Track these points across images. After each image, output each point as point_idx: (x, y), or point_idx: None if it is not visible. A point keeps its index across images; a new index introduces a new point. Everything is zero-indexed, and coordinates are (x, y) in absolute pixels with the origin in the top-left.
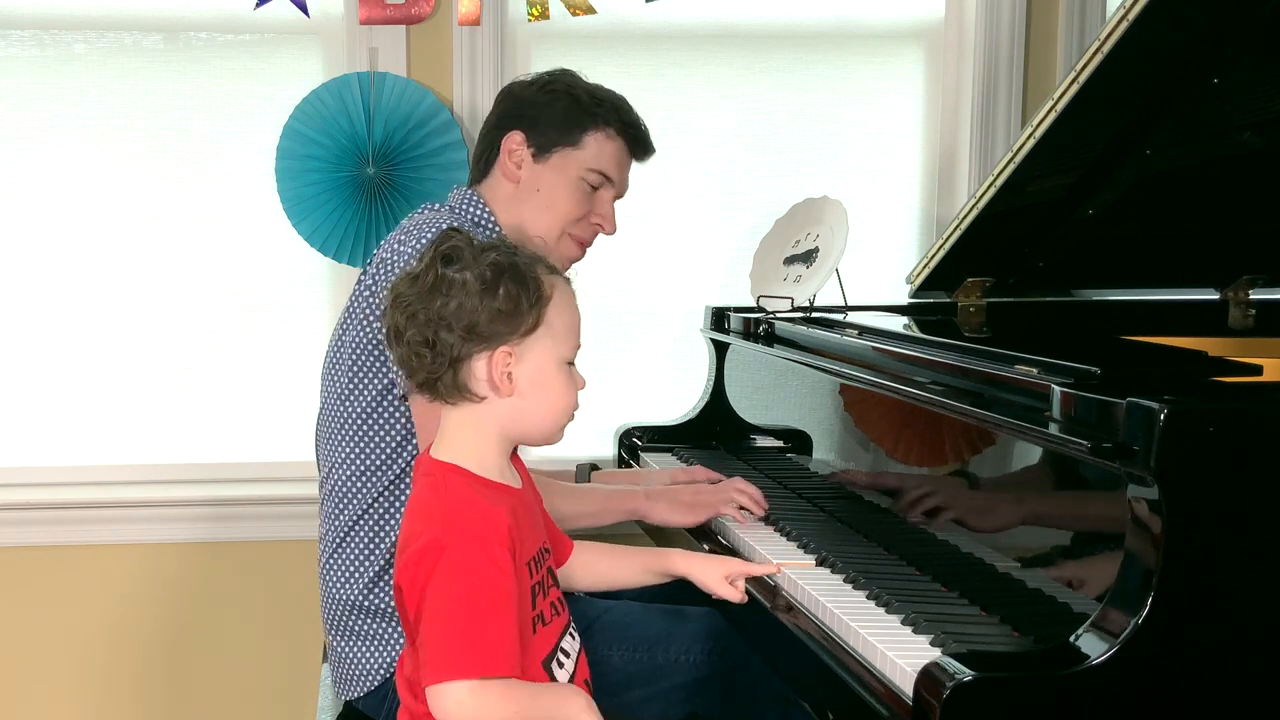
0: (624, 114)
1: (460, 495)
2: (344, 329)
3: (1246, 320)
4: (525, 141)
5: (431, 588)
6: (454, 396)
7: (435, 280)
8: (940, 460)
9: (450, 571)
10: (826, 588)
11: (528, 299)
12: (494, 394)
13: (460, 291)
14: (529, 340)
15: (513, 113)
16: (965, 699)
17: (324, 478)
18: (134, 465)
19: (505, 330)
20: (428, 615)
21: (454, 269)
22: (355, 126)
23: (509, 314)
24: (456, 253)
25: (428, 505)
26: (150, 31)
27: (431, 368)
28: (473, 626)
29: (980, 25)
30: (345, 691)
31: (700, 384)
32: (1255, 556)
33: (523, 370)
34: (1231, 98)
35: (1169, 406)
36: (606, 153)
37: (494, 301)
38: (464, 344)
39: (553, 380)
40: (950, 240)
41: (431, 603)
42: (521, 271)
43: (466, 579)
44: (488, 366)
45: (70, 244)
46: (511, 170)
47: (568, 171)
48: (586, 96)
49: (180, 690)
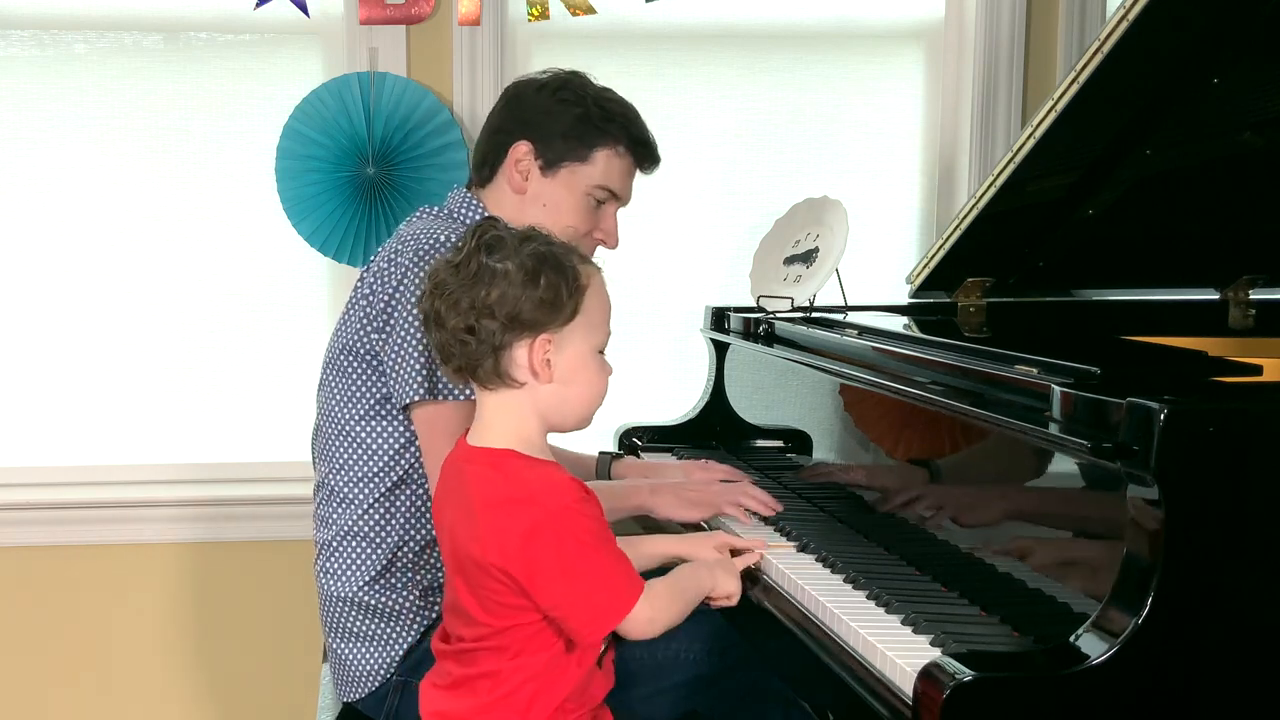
0: (635, 130)
1: (529, 474)
2: (340, 334)
3: (1246, 320)
4: (533, 153)
5: (558, 563)
6: (493, 382)
7: (478, 269)
8: (940, 460)
9: (561, 541)
10: (826, 588)
11: (567, 288)
12: (533, 380)
13: (503, 281)
14: (568, 328)
15: (521, 119)
16: (965, 699)
17: (320, 482)
18: (134, 465)
19: (546, 319)
20: (565, 585)
21: (496, 258)
22: (355, 126)
23: (550, 303)
24: (499, 242)
25: (509, 495)
26: (150, 31)
27: (473, 354)
28: (610, 568)
29: (980, 25)
30: (345, 693)
31: (700, 384)
32: (1255, 556)
33: (561, 357)
34: (1231, 98)
35: (1169, 406)
36: (615, 169)
37: (536, 291)
38: (506, 332)
39: (588, 367)
40: (950, 240)
41: (564, 574)
42: (560, 260)
43: (578, 540)
44: (528, 354)
45: (70, 244)
46: (518, 181)
47: (575, 187)
48: (598, 110)
49: (180, 690)
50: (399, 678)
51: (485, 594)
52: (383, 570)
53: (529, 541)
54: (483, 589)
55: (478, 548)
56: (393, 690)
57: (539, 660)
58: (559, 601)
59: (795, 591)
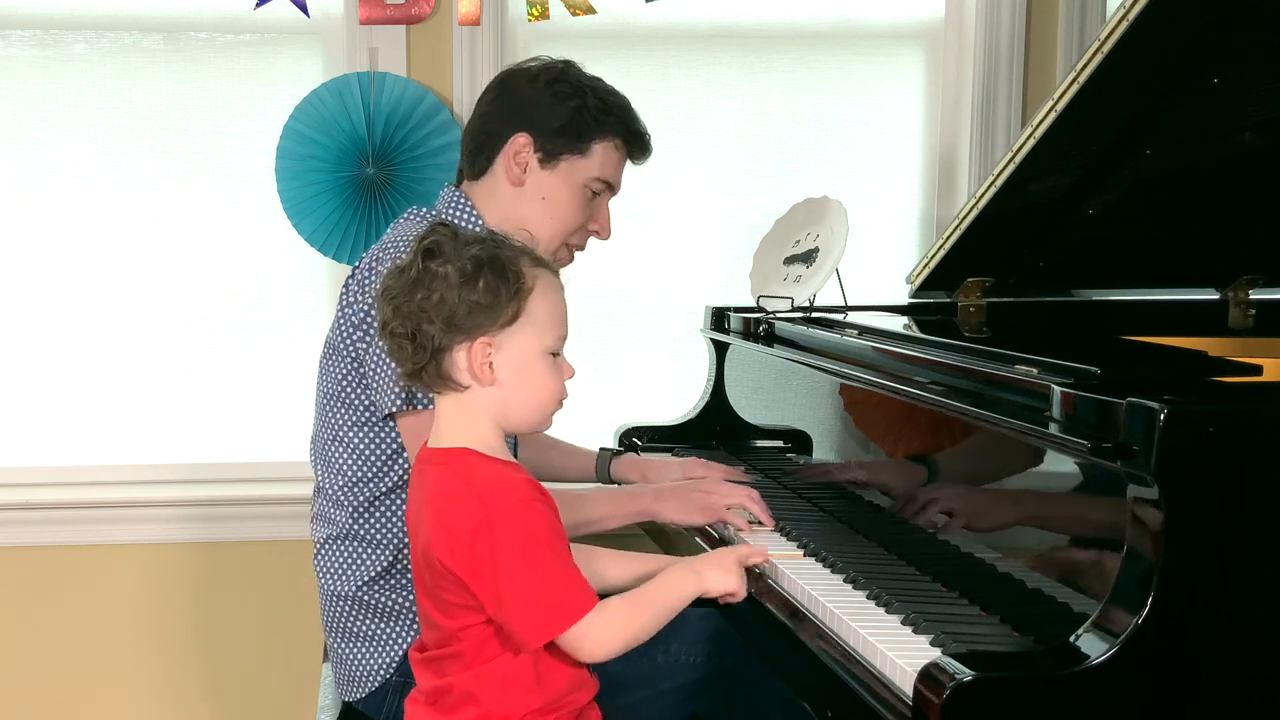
0: (631, 122)
1: (483, 471)
2: (331, 340)
3: (1246, 320)
4: (532, 145)
5: (502, 562)
6: (439, 386)
7: (418, 275)
8: (940, 460)
9: (511, 540)
10: (826, 588)
11: (507, 291)
12: (475, 383)
13: (441, 284)
14: (508, 331)
15: (516, 110)
16: (965, 699)
17: (318, 485)
18: (134, 465)
19: (484, 322)
20: (509, 585)
21: (436, 263)
22: (355, 126)
23: (488, 306)
24: (439, 247)
25: (458, 492)
26: (150, 31)
27: (415, 358)
28: (559, 574)
29: (980, 25)
30: (345, 692)
31: (700, 384)
32: (1255, 556)
33: (503, 360)
34: (1231, 98)
35: (1169, 406)
36: (611, 161)
37: (472, 294)
38: (444, 335)
39: (534, 369)
40: (950, 240)
41: (508, 573)
42: (503, 263)
43: (525, 540)
44: (467, 357)
45: (70, 244)
46: (516, 174)
47: (573, 180)
48: (596, 102)
49: (181, 690)
50: (399, 678)
51: (439, 593)
52: (384, 570)
53: (475, 539)
54: (437, 588)
55: (430, 546)
56: (393, 690)
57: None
58: (502, 601)
59: (795, 591)
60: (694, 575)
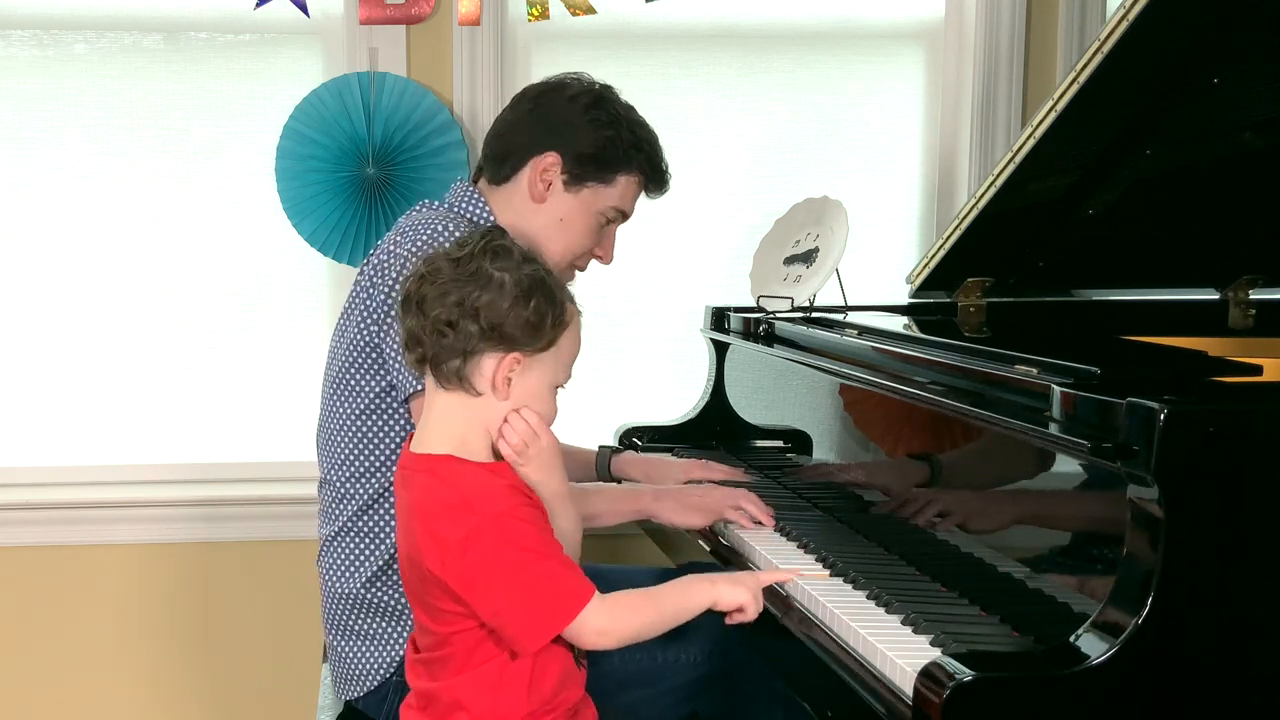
0: (657, 159)
1: (469, 477)
2: (342, 329)
3: (1246, 320)
4: (560, 166)
5: (495, 570)
6: (452, 383)
7: (477, 270)
8: (940, 460)
9: (499, 548)
10: (826, 587)
11: (553, 318)
12: (490, 394)
13: (497, 289)
14: (539, 356)
15: (550, 128)
16: (965, 699)
17: (323, 477)
18: (134, 465)
19: (524, 340)
20: (503, 593)
21: (497, 265)
22: (355, 126)
23: (535, 326)
24: (504, 252)
25: (446, 501)
26: (150, 31)
27: (444, 349)
28: (552, 574)
29: (980, 25)
30: (345, 691)
31: (700, 384)
32: (1255, 556)
33: (522, 381)
34: (1231, 98)
35: (1169, 406)
36: (631, 194)
37: (524, 310)
38: (482, 339)
39: (540, 400)
40: (950, 240)
41: (502, 581)
42: (553, 291)
43: (516, 546)
44: (495, 366)
45: (70, 244)
46: (539, 190)
47: (593, 207)
48: (629, 136)
49: (181, 690)
50: (399, 677)
51: (429, 600)
52: (383, 567)
53: (466, 548)
54: (427, 595)
55: (420, 555)
56: (393, 689)
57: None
58: (497, 609)
59: (795, 591)
60: (708, 585)
